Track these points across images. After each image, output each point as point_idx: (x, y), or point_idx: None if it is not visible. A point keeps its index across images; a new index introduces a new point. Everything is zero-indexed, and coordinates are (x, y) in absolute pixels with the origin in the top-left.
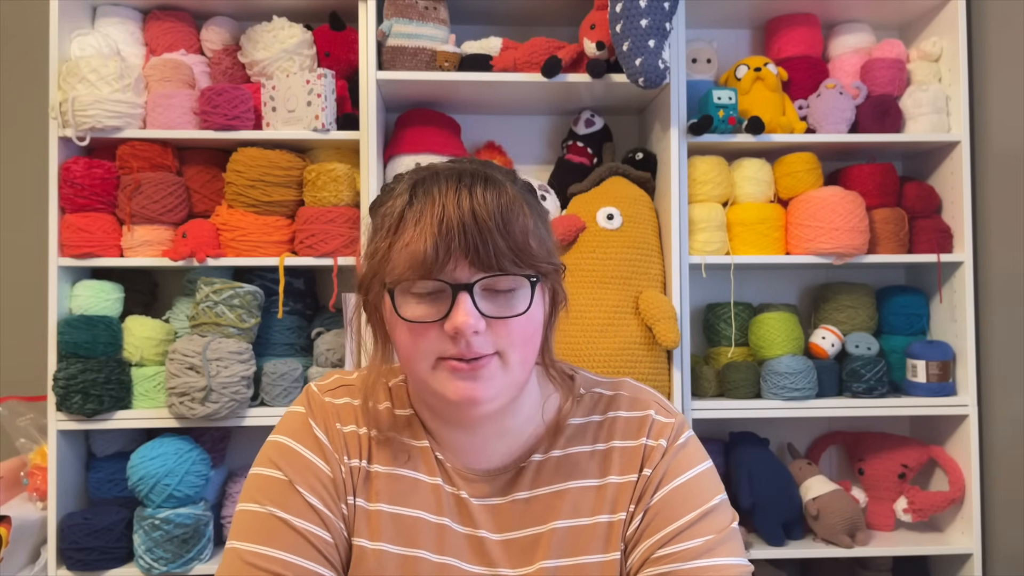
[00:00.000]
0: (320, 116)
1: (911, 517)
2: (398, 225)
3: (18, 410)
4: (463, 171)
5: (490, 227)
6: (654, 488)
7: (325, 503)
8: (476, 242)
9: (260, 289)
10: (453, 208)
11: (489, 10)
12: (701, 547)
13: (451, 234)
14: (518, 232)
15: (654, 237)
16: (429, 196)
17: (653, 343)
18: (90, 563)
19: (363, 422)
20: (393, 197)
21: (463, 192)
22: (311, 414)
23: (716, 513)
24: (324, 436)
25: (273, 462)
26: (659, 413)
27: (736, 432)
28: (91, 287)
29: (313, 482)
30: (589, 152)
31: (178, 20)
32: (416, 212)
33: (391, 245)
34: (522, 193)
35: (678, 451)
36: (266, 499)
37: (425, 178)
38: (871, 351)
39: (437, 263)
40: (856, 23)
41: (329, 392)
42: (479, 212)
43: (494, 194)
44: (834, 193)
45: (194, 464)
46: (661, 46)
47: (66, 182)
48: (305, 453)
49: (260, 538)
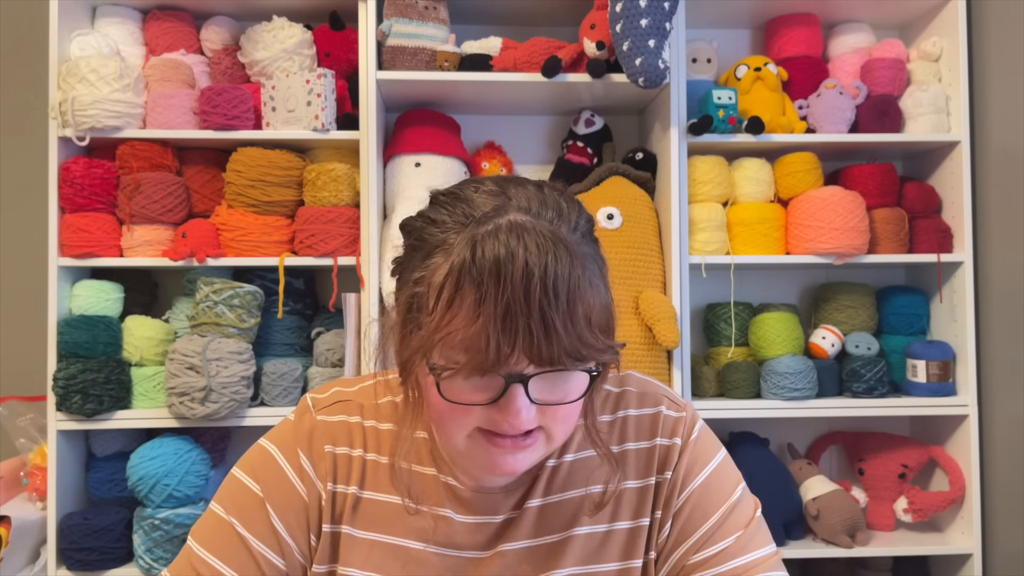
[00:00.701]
0: (320, 116)
1: (911, 517)
2: (452, 300)
3: (18, 410)
4: (526, 230)
5: (556, 326)
6: (678, 491)
7: (290, 529)
8: (541, 343)
9: (260, 289)
10: (520, 300)
11: (489, 10)
12: (734, 546)
13: (516, 333)
14: (583, 321)
15: (654, 237)
16: (493, 274)
17: (653, 343)
18: (90, 563)
19: (359, 443)
20: (444, 248)
21: (533, 273)
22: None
23: (741, 506)
24: (308, 462)
25: (255, 472)
26: (669, 408)
27: (736, 432)
28: (91, 287)
29: (285, 505)
30: (589, 152)
31: (178, 20)
32: (476, 291)
33: (443, 324)
34: (585, 247)
35: (694, 447)
36: (234, 508)
37: (486, 236)
38: (871, 351)
39: (499, 360)
40: (856, 23)
41: (324, 409)
42: (547, 309)
43: (564, 273)
44: (834, 193)
45: (194, 464)
46: (661, 46)
47: (66, 182)
48: (287, 472)
49: (214, 547)
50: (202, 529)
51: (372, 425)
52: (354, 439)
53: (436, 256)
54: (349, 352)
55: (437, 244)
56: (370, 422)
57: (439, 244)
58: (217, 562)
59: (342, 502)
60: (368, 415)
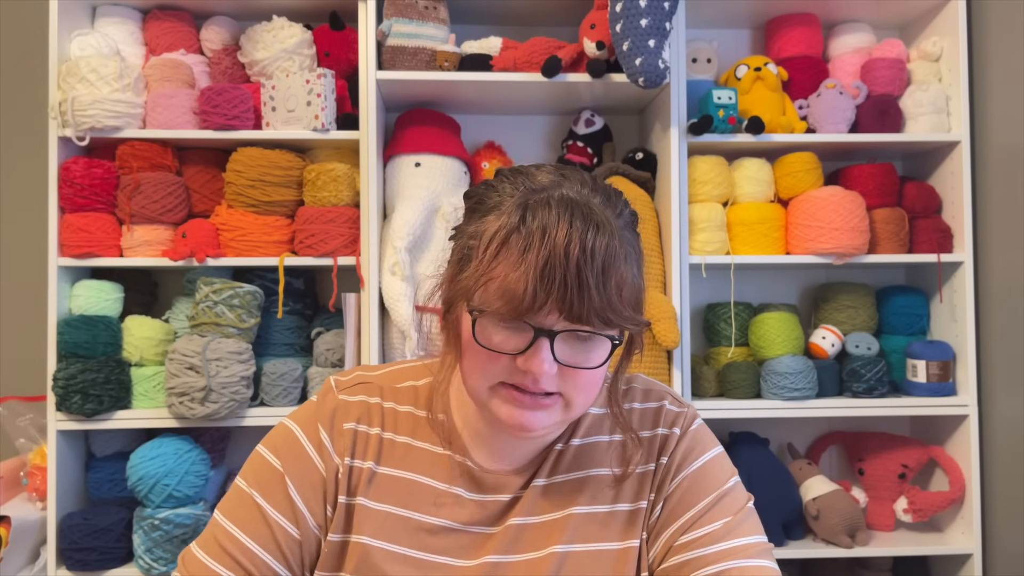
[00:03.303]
0: (320, 116)
1: (911, 517)
2: (499, 250)
3: (18, 410)
4: (576, 204)
5: (590, 285)
6: (672, 475)
7: (307, 501)
8: (573, 297)
9: (260, 289)
10: (560, 255)
11: (489, 10)
12: (721, 530)
13: (552, 284)
14: (614, 289)
15: (654, 237)
16: (540, 231)
17: (653, 343)
18: (90, 563)
19: (377, 422)
20: (499, 209)
21: (574, 237)
22: (320, 414)
23: (732, 495)
24: (328, 437)
25: (276, 448)
26: (672, 404)
27: (736, 432)
28: (91, 287)
29: (303, 478)
30: (589, 152)
31: (178, 20)
32: (522, 243)
33: (488, 269)
34: (626, 233)
35: (691, 437)
36: (255, 481)
37: (538, 203)
38: (871, 351)
39: (533, 308)
40: (856, 23)
41: (346, 389)
42: (583, 267)
43: (603, 243)
44: (834, 193)
45: (194, 464)
46: (661, 46)
47: (66, 182)
48: (307, 448)
49: (236, 518)
50: (226, 502)
51: (391, 407)
52: (372, 418)
53: (491, 215)
54: (349, 352)
55: (494, 206)
56: (389, 404)
57: (496, 206)
58: (236, 529)
59: (358, 476)
60: (388, 397)
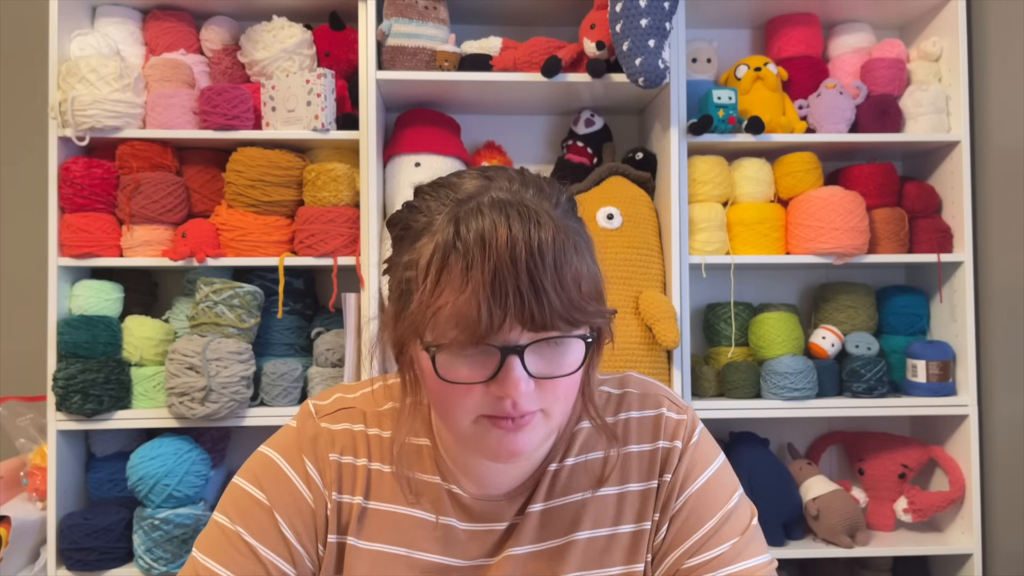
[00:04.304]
0: (320, 116)
1: (911, 517)
2: (440, 274)
3: (18, 410)
4: (509, 204)
5: (546, 288)
6: (676, 494)
7: (299, 537)
8: (532, 306)
9: (260, 289)
10: (507, 264)
11: (489, 10)
12: (729, 553)
13: (506, 297)
14: (572, 285)
15: (654, 237)
16: (478, 243)
17: (653, 343)
18: (90, 563)
19: (363, 452)
20: (430, 230)
21: (517, 240)
22: (302, 442)
23: (737, 513)
24: (314, 468)
25: (258, 480)
26: (670, 410)
27: (736, 432)
28: (91, 287)
29: (293, 512)
30: (589, 152)
31: (178, 20)
32: (462, 262)
33: (433, 299)
34: (569, 222)
35: (694, 450)
36: (239, 517)
37: (469, 212)
38: (871, 351)
39: (492, 328)
40: (856, 23)
41: (327, 416)
42: (535, 271)
43: (548, 239)
44: (834, 193)
45: (194, 464)
46: (661, 46)
47: (66, 182)
48: (293, 479)
49: (220, 557)
50: (207, 539)
51: (375, 433)
52: (358, 448)
53: (422, 239)
54: (349, 352)
55: (423, 228)
56: (373, 430)
57: (425, 227)
58: (225, 571)
59: (348, 512)
60: (371, 423)
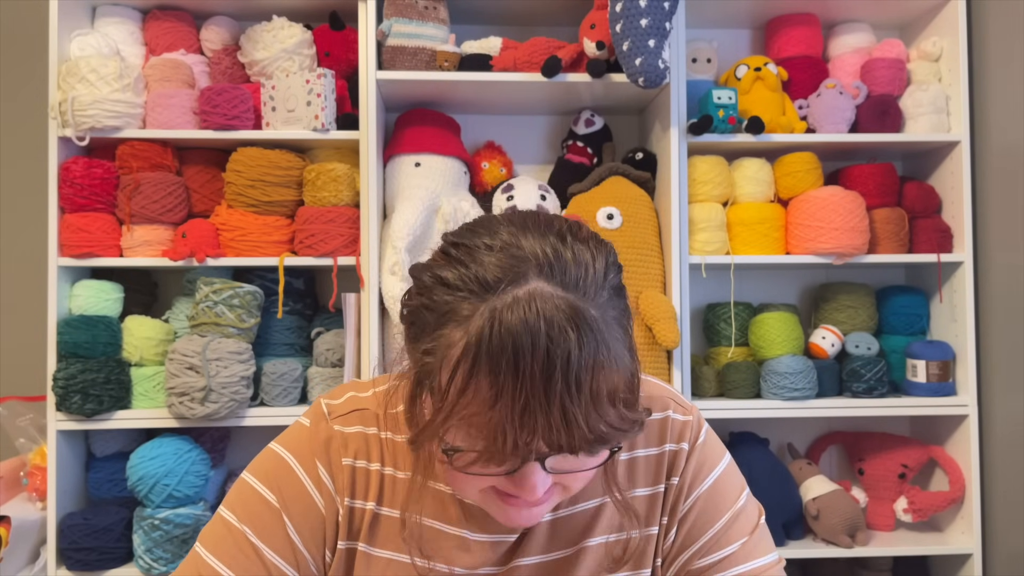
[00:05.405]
0: (320, 116)
1: (911, 517)
2: (467, 382)
3: (18, 410)
4: (548, 306)
5: (578, 420)
6: (684, 496)
7: (306, 542)
8: (561, 434)
9: (260, 289)
10: (540, 396)
11: (489, 10)
12: (739, 553)
13: (534, 427)
14: (607, 405)
15: (654, 237)
16: (511, 367)
17: (653, 343)
18: (90, 563)
19: (376, 456)
20: (456, 319)
21: (554, 368)
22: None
23: (745, 512)
24: (327, 473)
25: (269, 479)
26: (676, 411)
27: (736, 432)
28: (91, 287)
29: (302, 516)
30: (589, 152)
31: (178, 20)
32: (492, 380)
33: (457, 407)
34: (609, 311)
35: (700, 451)
36: (246, 516)
37: (503, 313)
38: (871, 351)
39: (516, 452)
40: (856, 23)
41: (340, 418)
42: (568, 404)
43: (588, 360)
44: (834, 193)
45: (193, 464)
46: (661, 46)
47: (66, 182)
48: (305, 482)
49: (224, 554)
50: (211, 535)
51: (389, 437)
52: (371, 452)
53: (447, 327)
54: (349, 352)
55: (447, 312)
56: (387, 434)
57: (449, 312)
58: (226, 570)
59: (360, 518)
60: (385, 426)
